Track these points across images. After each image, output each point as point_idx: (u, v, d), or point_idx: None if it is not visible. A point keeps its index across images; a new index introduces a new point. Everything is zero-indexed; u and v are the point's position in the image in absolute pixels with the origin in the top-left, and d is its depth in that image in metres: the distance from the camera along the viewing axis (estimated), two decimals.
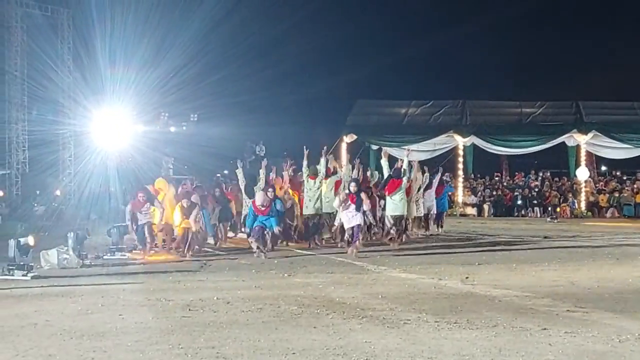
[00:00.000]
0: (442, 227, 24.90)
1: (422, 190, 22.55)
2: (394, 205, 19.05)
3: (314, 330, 8.26)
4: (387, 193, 19.08)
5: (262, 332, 8.12)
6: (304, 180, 19.97)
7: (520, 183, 41.44)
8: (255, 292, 11.31)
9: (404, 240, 19.62)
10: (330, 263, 15.24)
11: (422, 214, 22.83)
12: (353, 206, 17.16)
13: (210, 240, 19.76)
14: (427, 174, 23.22)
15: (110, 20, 34.15)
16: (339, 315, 9.15)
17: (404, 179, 19.09)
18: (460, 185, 39.90)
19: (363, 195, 17.46)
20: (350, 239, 17.27)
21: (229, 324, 8.55)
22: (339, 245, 18.54)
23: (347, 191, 17.49)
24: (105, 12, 33.97)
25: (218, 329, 8.31)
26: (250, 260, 16.02)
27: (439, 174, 24.43)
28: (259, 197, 17.16)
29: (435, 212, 23.96)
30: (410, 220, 20.76)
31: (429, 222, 23.72)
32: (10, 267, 13.04)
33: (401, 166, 19.43)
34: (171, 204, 18.27)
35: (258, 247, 16.92)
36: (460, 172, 40.55)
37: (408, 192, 19.71)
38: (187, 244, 17.22)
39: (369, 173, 22.58)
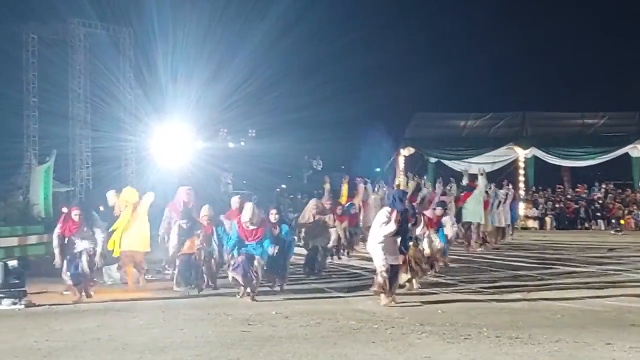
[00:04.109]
0: (511, 235, 26.93)
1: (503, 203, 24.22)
2: (464, 212, 20.69)
3: (373, 344, 8.23)
4: (459, 204, 20.64)
5: (320, 346, 8.12)
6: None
7: (583, 195, 40.79)
8: (314, 307, 11.30)
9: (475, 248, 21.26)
10: None
11: (503, 225, 24.67)
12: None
13: None
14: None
15: (171, 38, 34.62)
16: (398, 329, 9.11)
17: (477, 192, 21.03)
18: (521, 198, 39.44)
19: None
20: (387, 283, 11.63)
21: (287, 339, 8.56)
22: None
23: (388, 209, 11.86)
24: (166, 30, 34.44)
25: (277, 343, 8.32)
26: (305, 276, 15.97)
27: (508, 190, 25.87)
28: (248, 211, 12.40)
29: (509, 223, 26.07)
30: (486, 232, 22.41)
31: (505, 233, 25.49)
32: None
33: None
34: (136, 222, 14.39)
35: (242, 286, 12.45)
36: (521, 185, 40.08)
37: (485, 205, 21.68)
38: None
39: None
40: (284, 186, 35.40)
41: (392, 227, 11.46)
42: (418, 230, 13.32)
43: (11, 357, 7.96)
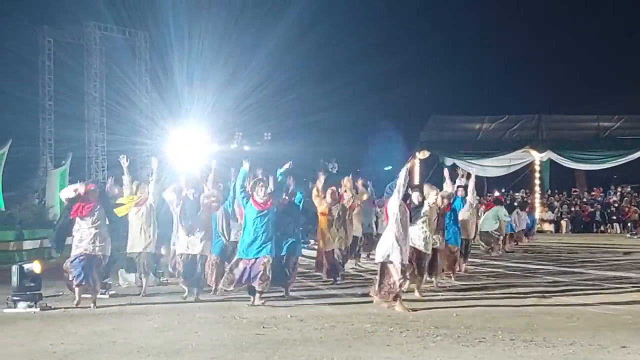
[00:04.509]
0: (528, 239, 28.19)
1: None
2: (482, 221, 21.16)
3: (388, 348, 8.22)
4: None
5: (335, 349, 8.12)
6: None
7: (599, 198, 40.63)
8: (328, 310, 11.31)
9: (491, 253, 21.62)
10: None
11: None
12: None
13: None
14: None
15: (187, 41, 34.72)
16: (413, 333, 9.10)
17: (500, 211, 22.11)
18: (536, 201, 39.33)
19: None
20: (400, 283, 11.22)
21: (302, 342, 8.57)
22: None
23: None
24: (182, 33, 34.56)
25: (291, 346, 8.33)
26: (321, 280, 15.95)
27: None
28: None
29: (525, 228, 27.51)
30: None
31: (521, 237, 26.89)
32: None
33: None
34: (142, 221, 13.62)
35: (253, 298, 11.88)
36: (537, 188, 40.00)
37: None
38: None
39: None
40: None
41: (400, 206, 11.23)
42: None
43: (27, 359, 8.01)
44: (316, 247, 16.86)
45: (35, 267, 12.19)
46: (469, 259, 17.67)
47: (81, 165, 34.05)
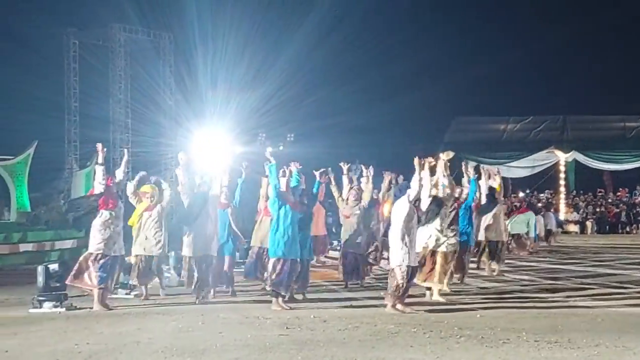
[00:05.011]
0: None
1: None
2: (512, 224, 21.62)
3: (411, 349, 8.21)
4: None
5: (358, 350, 8.12)
6: None
7: (625, 199, 40.34)
8: (352, 311, 11.31)
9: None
10: None
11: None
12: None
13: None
14: None
15: (211, 43, 34.82)
16: (437, 334, 9.07)
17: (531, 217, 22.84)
18: (562, 202, 39.12)
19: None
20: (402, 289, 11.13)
21: (325, 343, 8.57)
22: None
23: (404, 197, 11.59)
24: (206, 35, 34.65)
25: (315, 347, 8.33)
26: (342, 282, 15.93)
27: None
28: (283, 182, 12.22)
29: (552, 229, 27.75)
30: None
31: (549, 238, 27.09)
32: (115, 286, 13.25)
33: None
34: (152, 224, 13.52)
35: (278, 295, 11.69)
36: (562, 189, 39.78)
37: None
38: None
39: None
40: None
41: (409, 209, 11.13)
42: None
43: (52, 359, 8.06)
44: (338, 249, 16.84)
45: (60, 267, 12.37)
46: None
47: (106, 166, 34.05)
